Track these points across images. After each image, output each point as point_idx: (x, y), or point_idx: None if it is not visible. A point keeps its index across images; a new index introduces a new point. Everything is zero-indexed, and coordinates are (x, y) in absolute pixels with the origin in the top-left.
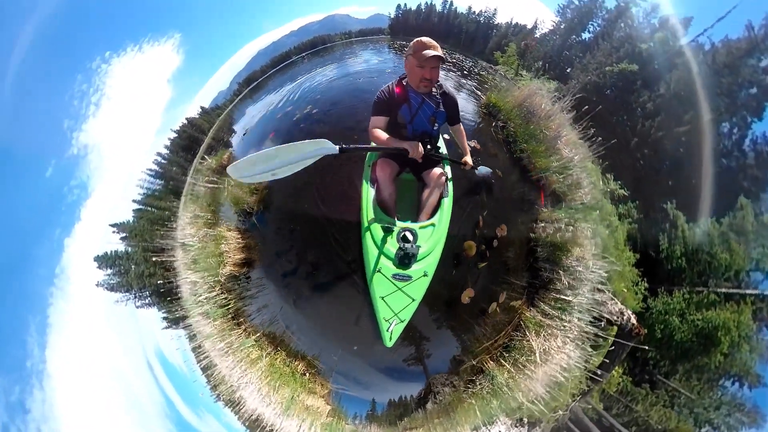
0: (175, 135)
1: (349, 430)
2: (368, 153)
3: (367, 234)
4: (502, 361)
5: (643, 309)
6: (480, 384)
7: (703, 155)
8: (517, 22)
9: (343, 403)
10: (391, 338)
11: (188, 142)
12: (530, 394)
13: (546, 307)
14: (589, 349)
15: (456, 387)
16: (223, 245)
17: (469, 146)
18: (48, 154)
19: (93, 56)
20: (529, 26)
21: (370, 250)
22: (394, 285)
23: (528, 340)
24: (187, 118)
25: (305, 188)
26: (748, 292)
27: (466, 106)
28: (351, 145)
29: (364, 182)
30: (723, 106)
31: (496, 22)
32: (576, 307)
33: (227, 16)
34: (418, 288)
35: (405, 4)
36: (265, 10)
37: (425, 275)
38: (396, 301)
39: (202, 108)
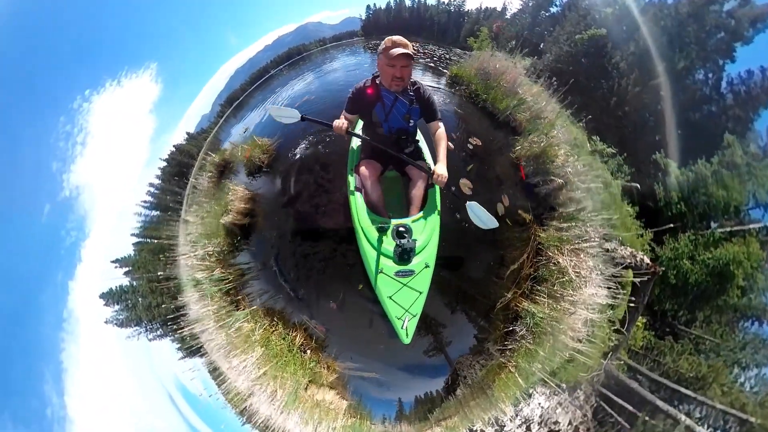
0: (165, 164)
1: (378, 431)
2: (350, 157)
3: (362, 237)
4: (536, 296)
5: (652, 258)
6: (519, 338)
7: (668, 102)
8: (486, 7)
9: (368, 403)
10: (407, 334)
11: (179, 169)
12: (571, 333)
13: (555, 223)
14: (613, 282)
15: (488, 359)
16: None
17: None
18: (41, 200)
19: (73, 96)
20: (499, 9)
21: (368, 253)
22: (399, 282)
23: (554, 261)
24: (174, 146)
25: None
26: (751, 226)
27: (438, 86)
28: (311, 117)
29: (350, 188)
30: (694, 53)
31: (466, 10)
32: (583, 217)
33: (200, 39)
34: (423, 280)
35: (375, 4)
36: (236, 27)
37: (427, 266)
38: (404, 298)
39: (188, 134)
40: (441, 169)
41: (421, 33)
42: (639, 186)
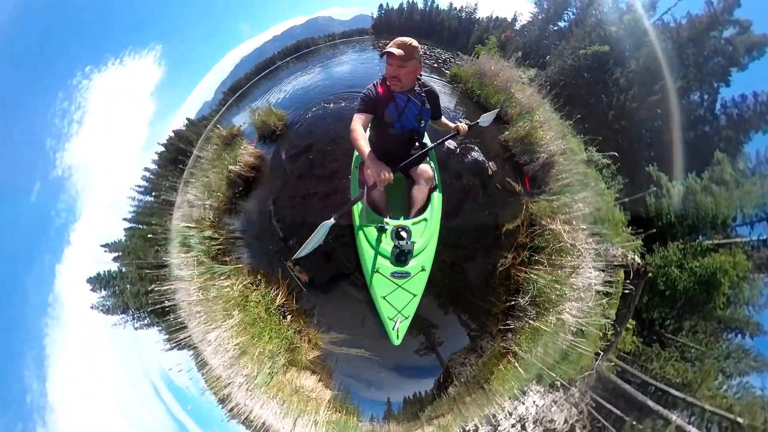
0: (163, 149)
1: (365, 430)
2: (354, 156)
3: (361, 235)
4: (537, 266)
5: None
6: (522, 313)
7: (675, 120)
8: (497, 16)
9: (354, 398)
10: (398, 336)
11: (176, 155)
12: (574, 303)
13: (545, 196)
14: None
15: (483, 355)
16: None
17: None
18: (32, 178)
19: (73, 72)
20: (509, 19)
21: (366, 251)
22: (394, 283)
23: (549, 229)
24: (173, 131)
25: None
26: (738, 239)
27: (442, 88)
28: (341, 212)
29: (352, 186)
30: (691, 75)
31: (477, 17)
32: (570, 190)
33: (208, 24)
34: (418, 283)
35: (387, 4)
36: (246, 15)
37: (423, 270)
38: (398, 299)
39: (188, 120)
40: (459, 125)
41: (431, 37)
42: (628, 200)
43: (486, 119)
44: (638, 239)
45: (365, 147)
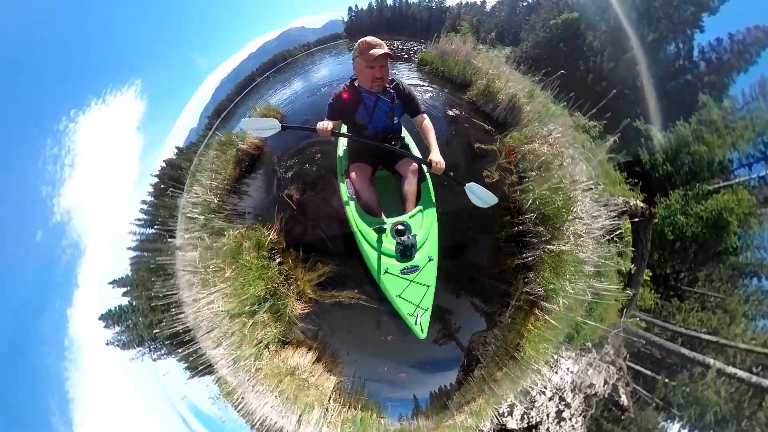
0: (157, 179)
1: (394, 429)
2: (338, 164)
3: (362, 240)
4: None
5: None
6: (537, 249)
7: (644, 71)
8: (467, 2)
9: (378, 401)
10: (422, 330)
11: (171, 184)
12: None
13: (517, 129)
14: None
15: (508, 311)
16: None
17: (451, 113)
18: (32, 227)
19: (59, 117)
20: (479, 2)
21: (370, 255)
22: (405, 279)
23: (528, 151)
24: (165, 161)
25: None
26: (738, 180)
27: (410, 74)
28: (292, 124)
29: (343, 198)
30: (663, 27)
31: (447, 5)
32: (540, 119)
33: (179, 55)
34: (429, 273)
35: (356, 6)
36: (218, 37)
37: (431, 259)
38: (413, 294)
39: (177, 148)
40: (437, 157)
41: (404, 31)
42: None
43: (475, 198)
44: (638, 190)
45: (317, 124)
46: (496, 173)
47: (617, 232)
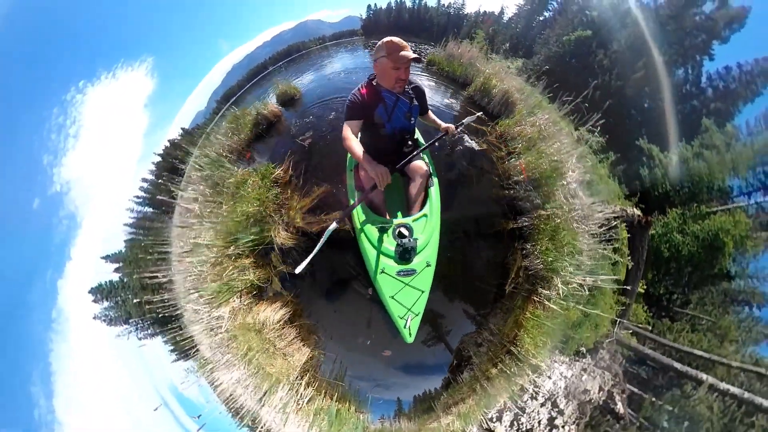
0: (159, 158)
1: (374, 429)
2: (348, 158)
3: (363, 237)
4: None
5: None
6: (532, 221)
7: (664, 93)
8: (485, 11)
9: (358, 396)
10: (411, 334)
11: (173, 164)
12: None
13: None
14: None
15: (516, 297)
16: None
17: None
18: (31, 194)
19: (67, 87)
20: (497, 13)
21: (369, 253)
22: (401, 282)
23: (513, 130)
24: (169, 140)
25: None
26: (734, 205)
27: (419, 72)
28: (342, 216)
29: (349, 189)
30: (674, 51)
31: (465, 12)
32: (530, 108)
33: (194, 37)
34: (425, 279)
35: (375, 4)
36: (235, 23)
37: (428, 265)
38: (406, 297)
39: (183, 129)
40: (445, 125)
41: (421, 34)
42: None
43: (469, 119)
44: (635, 201)
45: (359, 150)
46: (484, 144)
47: (613, 227)
